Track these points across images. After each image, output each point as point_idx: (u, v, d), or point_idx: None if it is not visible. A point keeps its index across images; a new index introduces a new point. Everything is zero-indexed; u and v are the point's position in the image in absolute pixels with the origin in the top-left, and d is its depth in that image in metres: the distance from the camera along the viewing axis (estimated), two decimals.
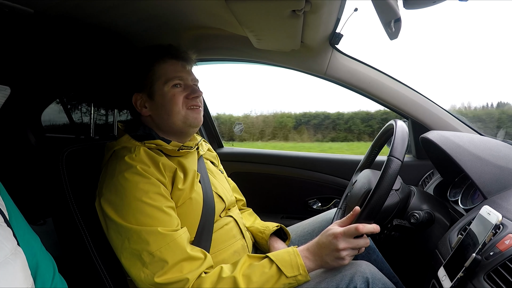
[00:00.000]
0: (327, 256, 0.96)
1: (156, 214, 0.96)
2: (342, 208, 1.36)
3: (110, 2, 1.07)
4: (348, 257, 0.95)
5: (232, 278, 0.92)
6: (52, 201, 1.09)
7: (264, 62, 1.85)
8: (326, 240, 0.97)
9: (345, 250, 0.94)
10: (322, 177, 2.04)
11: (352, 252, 0.96)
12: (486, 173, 1.03)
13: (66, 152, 1.12)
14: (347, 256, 0.95)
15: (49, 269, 0.80)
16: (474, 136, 1.23)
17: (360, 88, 1.70)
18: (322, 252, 0.97)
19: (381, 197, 0.93)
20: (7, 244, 0.67)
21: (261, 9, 1.01)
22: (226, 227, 1.17)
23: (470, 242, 0.79)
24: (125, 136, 1.12)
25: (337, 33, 1.52)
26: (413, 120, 1.73)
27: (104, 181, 1.03)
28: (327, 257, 0.96)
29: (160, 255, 0.92)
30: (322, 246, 0.98)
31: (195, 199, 1.09)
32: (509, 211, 0.84)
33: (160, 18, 1.29)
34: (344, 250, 0.94)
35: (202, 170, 1.20)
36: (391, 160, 0.94)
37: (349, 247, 0.94)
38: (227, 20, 1.30)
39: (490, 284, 0.69)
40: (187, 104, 1.15)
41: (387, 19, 1.00)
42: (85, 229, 1.05)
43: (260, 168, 2.19)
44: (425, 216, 1.08)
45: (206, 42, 1.72)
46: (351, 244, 0.95)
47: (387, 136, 1.31)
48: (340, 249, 0.94)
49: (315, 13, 1.08)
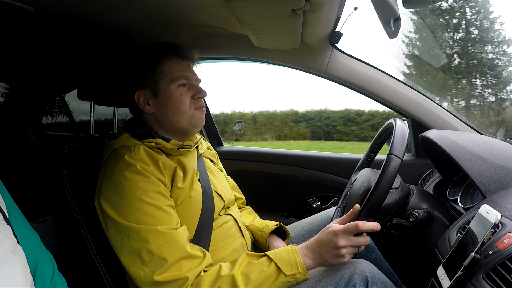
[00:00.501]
0: (326, 253, 0.96)
1: (156, 212, 0.96)
2: (342, 207, 1.36)
3: (111, 0, 1.07)
4: (347, 254, 0.95)
5: (230, 276, 0.92)
6: (52, 199, 1.09)
7: (264, 61, 1.86)
8: (326, 237, 0.97)
9: (345, 247, 0.94)
10: (322, 176, 2.04)
11: (352, 250, 0.96)
12: (485, 172, 1.03)
13: (66, 150, 1.12)
14: (347, 254, 0.95)
15: (48, 267, 0.80)
16: (473, 135, 1.23)
17: (360, 87, 1.70)
18: (321, 249, 0.97)
19: (381, 195, 0.93)
20: (6, 242, 0.67)
21: (261, 8, 1.01)
22: (225, 225, 1.18)
23: (469, 241, 0.79)
24: (124, 135, 1.12)
25: (337, 32, 1.52)
26: (413, 119, 1.73)
27: (103, 180, 1.03)
28: (327, 255, 0.96)
29: (159, 254, 0.92)
30: (321, 243, 0.98)
31: (195, 198, 1.09)
32: (508, 210, 0.84)
33: (160, 17, 1.29)
34: (344, 247, 0.94)
35: (201, 169, 1.20)
36: (390, 158, 0.94)
37: (349, 244, 0.94)
38: (227, 19, 1.30)
39: (489, 283, 0.69)
40: (195, 105, 1.15)
41: (387, 18, 1.00)
42: (85, 227, 1.06)
43: (260, 167, 2.20)
44: (424, 215, 1.08)
45: (206, 41, 1.72)
46: (351, 241, 0.94)
47: (387, 135, 1.31)
48: (340, 246, 0.94)
49: (315, 12, 1.08)
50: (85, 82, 1.32)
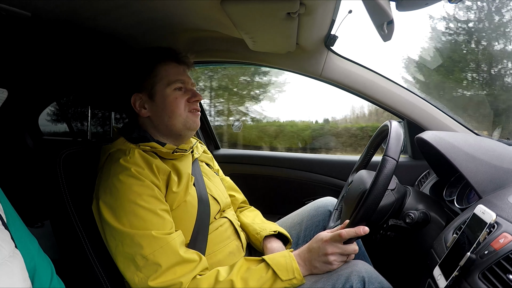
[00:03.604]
0: (315, 260, 0.98)
1: (150, 217, 0.97)
2: (338, 209, 1.37)
3: (106, 5, 1.08)
4: (336, 262, 0.97)
5: (229, 281, 0.93)
6: (50, 204, 1.09)
7: (260, 64, 1.86)
8: (315, 245, 1.00)
9: (332, 254, 0.97)
10: (319, 178, 2.05)
11: (340, 258, 0.98)
12: (481, 172, 1.04)
13: (64, 154, 1.12)
14: (335, 262, 0.97)
15: (47, 271, 0.80)
16: (469, 136, 1.24)
17: (356, 89, 1.71)
18: (311, 256, 0.99)
19: (377, 196, 0.94)
20: (5, 246, 0.67)
21: (256, 12, 1.02)
22: (220, 228, 1.18)
23: (465, 241, 0.79)
24: (120, 139, 1.13)
25: (332, 34, 1.53)
26: (409, 121, 1.74)
27: (100, 184, 1.03)
28: (316, 262, 0.98)
29: (153, 259, 0.92)
30: (311, 251, 1.00)
31: (190, 202, 1.10)
32: (504, 210, 0.85)
33: (155, 21, 1.30)
34: (332, 254, 0.97)
35: (196, 173, 1.21)
36: (386, 160, 0.95)
37: (337, 252, 0.97)
38: (222, 23, 1.31)
39: (485, 282, 0.70)
40: (189, 108, 1.16)
41: (380, 21, 1.01)
42: (83, 231, 1.05)
43: (257, 170, 2.20)
44: (420, 216, 1.08)
45: (202, 44, 1.72)
46: (339, 249, 0.97)
47: (382, 137, 1.32)
48: (329, 253, 0.96)
49: (310, 15, 1.09)
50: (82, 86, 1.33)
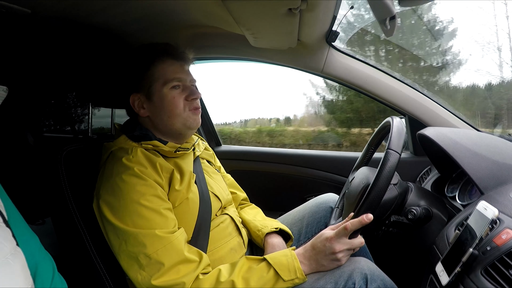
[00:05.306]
0: (323, 259, 0.98)
1: (153, 216, 0.97)
2: (339, 207, 1.37)
3: (105, 2, 1.07)
4: (344, 258, 0.97)
5: (230, 282, 0.93)
6: (51, 201, 1.09)
7: (261, 60, 1.85)
8: (320, 245, 0.99)
9: (341, 252, 0.96)
10: (320, 175, 2.05)
11: (348, 253, 0.98)
12: (483, 168, 1.03)
13: (65, 151, 1.12)
14: (343, 258, 0.97)
15: (48, 269, 0.80)
16: (470, 132, 1.24)
17: (357, 85, 1.71)
18: (317, 256, 0.99)
19: (381, 189, 0.94)
20: (6, 244, 0.67)
21: (257, 8, 1.01)
22: (222, 225, 1.18)
23: (468, 237, 0.79)
24: (122, 137, 1.12)
25: (334, 30, 1.52)
26: (410, 117, 1.74)
27: (101, 183, 1.03)
28: (323, 261, 0.98)
29: (156, 258, 0.92)
30: (317, 251, 0.99)
31: (192, 200, 1.10)
32: (506, 206, 0.85)
33: (155, 17, 1.29)
34: (340, 252, 0.96)
35: (198, 171, 1.20)
36: (389, 153, 0.95)
37: (345, 248, 0.97)
38: (223, 19, 1.30)
39: (487, 278, 0.70)
40: (189, 107, 1.15)
41: (382, 17, 1.00)
42: (84, 229, 1.06)
43: (258, 166, 2.20)
44: (422, 212, 1.08)
45: (203, 41, 1.71)
46: (346, 245, 0.97)
47: (384, 134, 1.32)
48: (337, 251, 0.96)
49: (311, 11, 1.08)
50: (83, 83, 1.32)
